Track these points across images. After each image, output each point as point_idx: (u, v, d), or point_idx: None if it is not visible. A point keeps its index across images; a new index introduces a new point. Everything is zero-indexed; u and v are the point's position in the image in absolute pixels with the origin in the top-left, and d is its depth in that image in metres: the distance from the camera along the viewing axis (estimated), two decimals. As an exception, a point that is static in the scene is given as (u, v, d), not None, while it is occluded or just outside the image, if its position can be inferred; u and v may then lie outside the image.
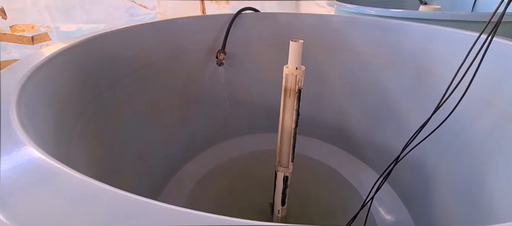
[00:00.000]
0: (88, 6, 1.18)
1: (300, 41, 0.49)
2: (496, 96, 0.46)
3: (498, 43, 0.46)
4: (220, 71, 0.79)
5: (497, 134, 0.45)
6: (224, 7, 1.18)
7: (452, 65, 0.45)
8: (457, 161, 0.54)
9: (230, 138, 0.96)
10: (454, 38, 0.55)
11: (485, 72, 0.44)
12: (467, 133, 0.52)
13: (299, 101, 0.56)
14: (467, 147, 0.51)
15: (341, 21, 0.74)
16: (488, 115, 0.47)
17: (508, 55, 0.44)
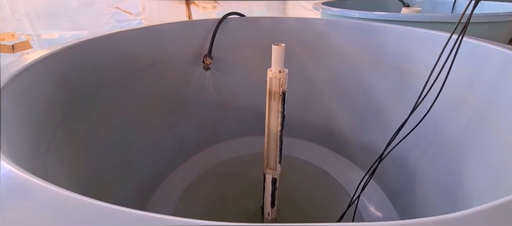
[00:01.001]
0: (71, 13, 1.16)
1: (282, 45, 0.50)
2: (469, 94, 0.48)
3: (469, 43, 0.49)
4: (207, 76, 0.79)
5: (471, 130, 0.47)
6: (210, 12, 1.18)
7: (429, 65, 0.47)
8: (437, 157, 0.56)
9: (219, 142, 0.96)
10: (430, 39, 0.58)
11: (458, 71, 0.46)
12: (444, 130, 0.54)
13: (284, 103, 0.57)
14: (445, 144, 0.53)
15: (324, 24, 0.76)
16: (462, 112, 0.49)
17: (478, 55, 0.47)
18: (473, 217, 0.14)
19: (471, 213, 0.15)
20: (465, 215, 0.14)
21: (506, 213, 0.14)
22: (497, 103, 0.41)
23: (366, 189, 0.80)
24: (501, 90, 0.41)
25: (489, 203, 0.15)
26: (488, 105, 0.43)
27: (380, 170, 0.65)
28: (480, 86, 0.46)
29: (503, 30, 0.94)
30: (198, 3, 1.12)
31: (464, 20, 0.43)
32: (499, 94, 0.41)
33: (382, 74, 0.72)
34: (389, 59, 0.69)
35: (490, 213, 0.14)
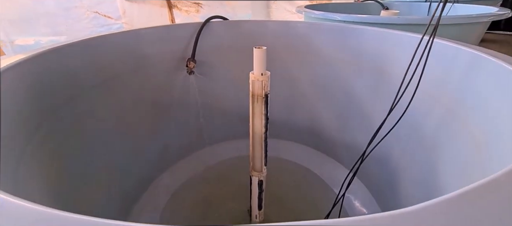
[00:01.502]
0: (46, 19, 1.11)
1: (263, 47, 0.50)
2: (442, 93, 0.50)
3: (440, 44, 0.51)
4: (191, 80, 0.79)
5: (444, 128, 0.49)
6: (194, 16, 1.17)
7: (405, 66, 0.49)
8: (415, 154, 0.58)
9: (205, 146, 0.95)
10: (405, 40, 0.60)
11: (431, 71, 0.49)
12: (421, 128, 0.56)
13: (267, 106, 0.57)
14: (421, 141, 0.55)
15: (305, 26, 0.78)
16: (436, 111, 0.51)
17: (448, 55, 0.49)
18: (405, 216, 0.15)
19: (399, 213, 0.15)
20: (393, 215, 0.15)
21: (434, 213, 0.15)
22: (466, 102, 0.44)
23: (351, 187, 0.82)
24: (469, 89, 0.43)
25: (420, 204, 0.16)
26: (458, 104, 0.45)
27: (364, 168, 0.67)
28: (450, 85, 0.48)
29: (475, 31, 1.00)
30: (181, 7, 1.11)
31: (434, 22, 0.45)
32: (467, 93, 0.44)
33: (361, 75, 0.74)
34: (368, 60, 0.71)
35: (417, 213, 0.15)
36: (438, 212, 0.16)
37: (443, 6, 0.43)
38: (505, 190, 0.16)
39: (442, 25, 0.93)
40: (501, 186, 0.16)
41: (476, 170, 0.35)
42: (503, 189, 0.16)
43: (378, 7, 1.46)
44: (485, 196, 0.15)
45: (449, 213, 0.15)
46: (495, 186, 0.16)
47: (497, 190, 0.16)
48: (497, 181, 0.16)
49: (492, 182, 0.16)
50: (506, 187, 0.16)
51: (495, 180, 0.16)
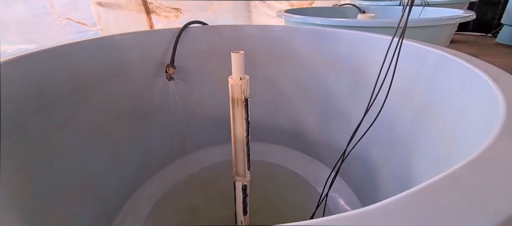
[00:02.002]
0: (15, 26, 1.04)
1: (241, 52, 0.51)
2: (413, 91, 0.53)
3: (410, 45, 0.54)
4: (171, 86, 0.77)
5: (416, 125, 0.51)
6: (173, 21, 1.16)
7: (379, 67, 0.50)
8: (392, 152, 0.60)
9: (188, 153, 0.94)
10: (378, 42, 0.63)
11: (403, 71, 0.51)
12: (396, 126, 0.58)
13: (247, 110, 0.57)
14: (397, 139, 0.57)
15: (283, 30, 0.79)
16: (409, 109, 0.54)
17: (418, 56, 0.51)
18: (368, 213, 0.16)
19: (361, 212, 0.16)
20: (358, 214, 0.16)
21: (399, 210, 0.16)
22: (434, 99, 0.46)
23: (335, 187, 0.83)
24: (437, 87, 0.46)
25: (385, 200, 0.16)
26: (428, 102, 0.48)
27: (345, 167, 0.68)
28: (421, 84, 0.51)
29: (444, 32, 1.06)
30: (160, 13, 1.09)
31: (403, 25, 0.48)
32: (436, 91, 0.46)
33: (340, 76, 0.76)
34: (345, 62, 0.73)
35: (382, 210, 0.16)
36: (401, 207, 0.16)
37: (409, 10, 0.45)
38: (461, 182, 0.17)
39: (415, 28, 0.98)
40: (458, 178, 0.17)
41: (445, 164, 0.37)
42: (460, 181, 0.17)
43: (356, 11, 1.51)
44: (444, 189, 0.16)
45: (412, 207, 0.16)
46: (453, 179, 0.17)
47: (455, 183, 0.17)
48: (454, 174, 0.17)
49: (450, 175, 0.17)
50: (461, 180, 0.17)
51: (452, 174, 0.17)
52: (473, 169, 0.17)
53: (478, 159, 0.18)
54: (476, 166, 0.17)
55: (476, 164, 0.17)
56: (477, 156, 0.18)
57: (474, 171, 0.17)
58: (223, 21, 1.52)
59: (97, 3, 0.92)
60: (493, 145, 0.19)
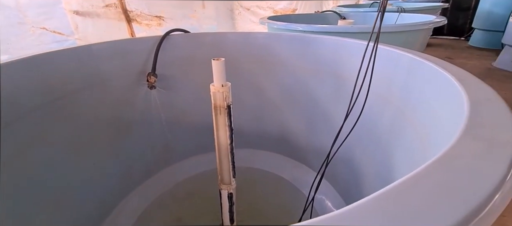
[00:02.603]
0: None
1: (222, 59, 0.51)
2: (391, 94, 0.55)
3: (386, 50, 0.56)
4: (152, 95, 0.76)
5: (395, 126, 0.53)
6: (155, 29, 1.14)
7: (358, 71, 0.52)
8: (374, 153, 0.62)
9: (173, 162, 0.92)
10: (357, 47, 0.65)
11: (380, 74, 0.53)
12: (377, 129, 0.60)
13: (230, 117, 0.57)
14: (378, 140, 0.59)
15: (264, 37, 0.80)
16: (387, 111, 0.55)
17: (393, 60, 0.54)
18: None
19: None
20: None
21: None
22: (410, 101, 0.48)
23: (322, 190, 0.84)
24: (412, 89, 0.48)
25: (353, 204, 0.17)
26: (405, 103, 0.50)
27: (332, 171, 0.69)
28: (397, 86, 0.53)
29: (419, 37, 1.11)
30: (141, 21, 1.08)
31: (377, 30, 0.49)
32: (411, 93, 0.48)
33: (322, 81, 0.77)
34: (327, 67, 0.75)
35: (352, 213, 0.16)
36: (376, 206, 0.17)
37: (382, 17, 0.47)
38: (427, 181, 0.17)
39: (391, 33, 1.03)
40: (424, 178, 0.17)
41: (422, 162, 0.38)
42: (425, 181, 0.17)
43: (337, 17, 1.56)
44: (411, 189, 0.17)
45: (382, 207, 0.16)
46: (419, 178, 0.18)
47: (421, 182, 0.17)
48: (420, 174, 0.18)
49: (417, 174, 0.18)
50: (427, 179, 0.17)
51: (418, 173, 0.18)
52: (438, 168, 0.18)
53: (443, 158, 0.19)
54: (440, 165, 0.18)
55: (440, 163, 0.18)
56: (441, 155, 0.19)
57: (438, 170, 0.18)
58: (207, 29, 1.52)
59: (74, 12, 0.90)
60: (456, 144, 0.20)
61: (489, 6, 2.80)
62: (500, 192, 0.16)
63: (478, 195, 0.16)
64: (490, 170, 0.18)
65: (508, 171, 0.18)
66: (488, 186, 0.16)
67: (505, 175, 0.17)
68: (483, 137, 0.20)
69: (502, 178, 0.17)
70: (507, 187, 0.17)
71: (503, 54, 2.31)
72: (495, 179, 0.17)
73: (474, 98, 0.27)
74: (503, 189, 0.17)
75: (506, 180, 0.17)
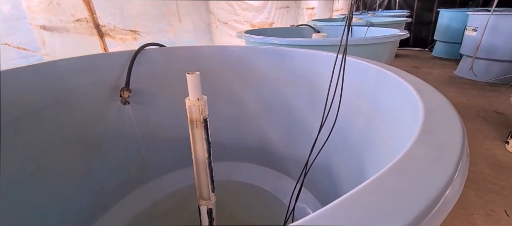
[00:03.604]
0: None
1: (197, 73, 0.51)
2: (361, 103, 0.58)
3: (354, 62, 0.59)
4: (126, 110, 0.73)
5: (366, 133, 0.55)
6: (130, 43, 1.12)
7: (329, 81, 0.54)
8: (349, 160, 0.64)
9: (150, 179, 0.88)
10: (329, 59, 0.68)
11: (351, 85, 0.55)
12: (351, 136, 0.62)
13: (207, 130, 0.57)
14: (352, 147, 0.61)
15: (240, 50, 0.81)
16: (359, 118, 0.58)
17: (361, 71, 0.57)
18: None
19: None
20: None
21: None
22: (378, 109, 0.51)
23: (303, 199, 0.85)
24: (379, 98, 0.51)
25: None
26: (373, 111, 0.52)
27: (311, 180, 0.70)
28: (366, 96, 0.56)
29: (386, 49, 1.19)
30: (114, 35, 1.05)
31: (346, 43, 0.53)
32: (378, 101, 0.51)
33: (298, 92, 0.80)
34: (302, 78, 0.77)
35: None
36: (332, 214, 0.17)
37: (348, 31, 0.50)
38: (382, 186, 0.18)
39: (361, 45, 1.09)
40: (380, 183, 0.19)
41: (389, 168, 0.40)
42: (381, 186, 0.18)
43: (311, 31, 1.63)
44: (369, 194, 0.18)
45: (342, 214, 0.17)
46: (376, 184, 0.19)
47: (377, 187, 0.18)
48: (378, 179, 0.19)
49: (375, 180, 0.19)
50: (383, 184, 0.19)
51: (376, 179, 0.19)
52: (393, 173, 0.19)
53: (399, 163, 0.20)
54: (395, 169, 0.19)
55: (396, 168, 0.20)
56: (397, 161, 0.20)
57: (393, 175, 0.19)
58: (185, 42, 1.52)
59: (41, 27, 0.85)
60: (410, 150, 0.21)
61: (446, 21, 3.08)
62: (450, 189, 0.18)
63: (429, 194, 0.17)
64: (440, 171, 0.19)
65: (455, 171, 0.19)
66: (437, 186, 0.18)
67: (452, 175, 0.19)
68: (434, 142, 0.22)
69: (449, 178, 0.19)
70: (455, 185, 0.19)
71: (462, 63, 2.53)
72: (444, 179, 0.18)
73: (428, 105, 0.29)
74: (452, 186, 0.18)
75: (454, 178, 0.19)
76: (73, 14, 0.93)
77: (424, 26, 3.93)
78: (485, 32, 1.95)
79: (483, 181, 1.09)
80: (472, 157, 1.24)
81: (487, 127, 1.50)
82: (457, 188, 0.18)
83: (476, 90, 2.08)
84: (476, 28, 2.20)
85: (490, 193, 1.02)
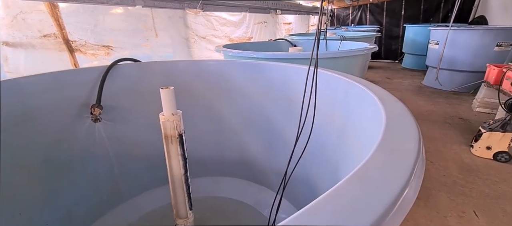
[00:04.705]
0: None
1: (171, 87, 0.50)
2: (334, 113, 0.60)
3: (326, 74, 0.62)
4: (98, 128, 0.70)
5: (340, 142, 0.57)
6: (103, 59, 1.08)
7: (306, 94, 0.56)
8: (326, 169, 0.65)
9: (124, 200, 0.83)
10: (303, 72, 0.70)
11: (324, 97, 0.57)
12: (327, 146, 0.64)
13: (183, 145, 0.55)
14: (328, 157, 0.63)
15: (217, 64, 0.82)
16: (333, 128, 0.60)
17: (333, 83, 0.59)
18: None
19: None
20: None
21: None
22: (349, 119, 0.53)
23: (284, 210, 0.84)
24: (349, 109, 0.53)
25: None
26: (345, 121, 0.54)
27: (292, 191, 0.70)
28: (338, 107, 0.58)
29: (358, 61, 1.26)
30: (86, 51, 1.01)
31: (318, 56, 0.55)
32: (349, 112, 0.53)
33: (275, 104, 0.81)
34: (279, 91, 0.79)
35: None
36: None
37: (318, 44, 0.52)
38: (344, 193, 0.19)
39: (334, 58, 1.14)
40: (342, 191, 0.19)
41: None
42: (343, 193, 0.19)
43: (288, 45, 1.69)
44: (331, 201, 0.18)
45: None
46: (338, 191, 0.19)
47: (339, 195, 0.19)
48: (339, 187, 0.19)
49: (337, 188, 0.19)
50: (344, 191, 0.19)
51: (338, 187, 0.20)
52: (354, 181, 0.20)
53: (360, 170, 0.21)
54: (356, 177, 0.20)
55: (357, 176, 0.20)
56: (358, 169, 0.21)
57: (354, 182, 0.19)
58: (162, 57, 1.50)
59: (4, 43, 0.80)
60: (371, 157, 0.22)
61: (412, 35, 3.34)
62: (407, 190, 0.19)
63: (387, 198, 0.18)
64: (397, 176, 0.20)
65: (411, 175, 0.20)
66: (394, 189, 0.19)
67: (408, 179, 0.20)
68: (392, 148, 0.23)
69: (406, 182, 0.20)
70: (412, 188, 0.20)
71: (428, 74, 2.73)
72: (400, 184, 0.19)
73: (389, 114, 0.31)
74: (409, 188, 0.19)
75: (410, 181, 0.20)
76: (40, 29, 0.89)
77: (393, 40, 4.22)
78: (446, 46, 2.13)
79: (453, 184, 1.15)
80: (443, 161, 1.31)
81: (454, 132, 1.60)
82: (414, 189, 0.19)
83: (442, 98, 2.23)
84: (438, 41, 2.40)
85: (460, 195, 1.08)
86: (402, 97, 2.30)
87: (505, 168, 1.23)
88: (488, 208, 1.00)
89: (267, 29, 2.68)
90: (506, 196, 1.05)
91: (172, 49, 1.49)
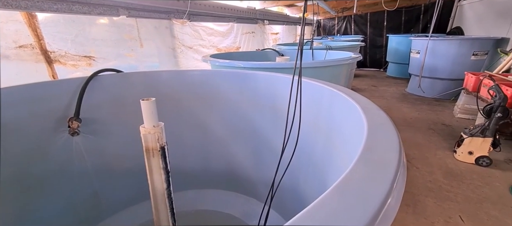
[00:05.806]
0: None
1: (152, 99, 0.49)
2: (320, 122, 0.59)
3: (310, 84, 0.62)
4: (76, 142, 0.67)
5: (326, 150, 0.57)
6: (84, 69, 1.05)
7: (291, 103, 0.55)
8: (313, 178, 0.64)
9: (105, 217, 0.79)
10: (288, 81, 0.70)
11: (310, 105, 0.57)
12: (314, 155, 0.63)
13: (165, 158, 0.53)
14: (315, 166, 0.62)
15: (202, 74, 0.81)
16: (319, 137, 0.60)
17: (317, 92, 0.59)
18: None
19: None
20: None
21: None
22: (333, 127, 0.53)
23: (272, 221, 0.82)
24: (333, 117, 0.53)
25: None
26: (330, 129, 0.54)
27: (280, 202, 0.68)
28: (323, 115, 0.58)
29: (343, 70, 1.28)
30: (65, 61, 0.98)
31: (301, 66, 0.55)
32: (333, 120, 0.53)
33: (261, 113, 0.80)
34: (264, 100, 0.78)
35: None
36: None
37: (301, 55, 0.52)
38: (326, 206, 0.18)
39: (320, 67, 1.16)
40: (325, 203, 0.18)
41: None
42: (325, 206, 0.18)
43: (275, 55, 1.70)
44: (315, 214, 0.17)
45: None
46: (321, 204, 0.18)
47: (322, 208, 0.18)
48: (323, 200, 0.19)
49: (320, 200, 0.18)
50: (327, 204, 0.18)
51: (322, 199, 0.19)
52: (334, 195, 0.19)
53: (340, 183, 0.20)
54: (338, 189, 0.19)
55: (338, 188, 0.20)
56: (338, 182, 0.20)
57: (334, 197, 0.19)
58: (148, 67, 1.47)
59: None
60: (353, 168, 0.22)
61: (395, 45, 3.47)
62: (389, 200, 0.18)
63: (369, 210, 0.17)
64: (378, 187, 0.20)
65: (393, 184, 0.20)
66: (376, 200, 0.18)
67: (390, 188, 0.19)
68: (373, 160, 0.23)
69: (388, 192, 0.19)
70: (394, 197, 0.19)
71: (411, 81, 2.82)
72: (382, 194, 0.19)
73: (371, 123, 0.31)
74: (391, 198, 0.19)
75: (392, 190, 0.19)
76: (16, 40, 0.85)
77: (377, 49, 4.37)
78: (426, 55, 2.22)
79: (439, 189, 1.17)
80: (428, 167, 1.34)
81: (437, 138, 1.65)
82: (396, 198, 0.19)
83: (425, 105, 2.31)
84: (419, 51, 2.50)
85: (446, 200, 1.10)
86: (387, 104, 2.36)
87: (487, 172, 1.26)
88: (473, 212, 1.02)
89: (255, 39, 2.71)
90: (490, 200, 1.07)
91: (158, 59, 1.47)
